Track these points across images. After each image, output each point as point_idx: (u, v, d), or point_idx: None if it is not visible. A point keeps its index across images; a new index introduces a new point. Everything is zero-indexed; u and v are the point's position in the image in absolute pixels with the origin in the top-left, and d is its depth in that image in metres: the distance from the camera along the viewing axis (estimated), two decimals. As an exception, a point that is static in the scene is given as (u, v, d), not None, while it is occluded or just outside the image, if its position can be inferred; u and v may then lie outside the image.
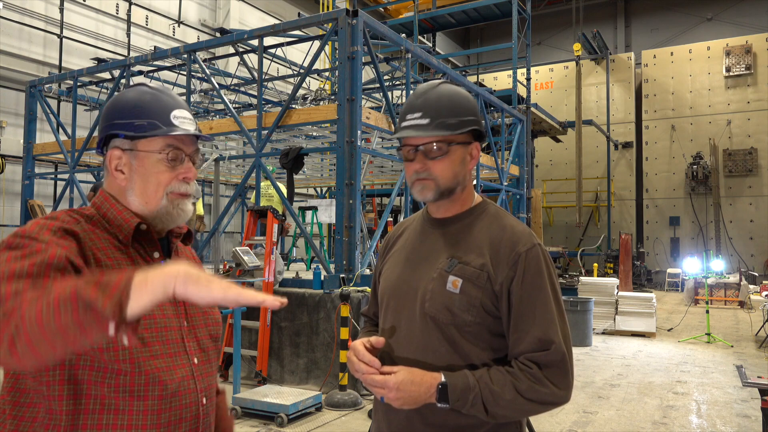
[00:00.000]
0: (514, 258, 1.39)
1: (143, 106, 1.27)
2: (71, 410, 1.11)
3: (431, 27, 16.39)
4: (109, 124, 1.28)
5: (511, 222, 1.47)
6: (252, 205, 6.89)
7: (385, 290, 1.54)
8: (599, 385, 6.26)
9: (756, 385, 3.50)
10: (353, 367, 1.38)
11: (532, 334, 1.35)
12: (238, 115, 8.24)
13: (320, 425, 4.80)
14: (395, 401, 1.31)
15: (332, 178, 12.98)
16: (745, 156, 18.24)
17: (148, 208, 1.27)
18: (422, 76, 12.84)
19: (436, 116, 1.42)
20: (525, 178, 12.29)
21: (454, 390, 1.30)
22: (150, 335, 1.19)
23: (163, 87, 1.36)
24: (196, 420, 1.24)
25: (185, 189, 1.29)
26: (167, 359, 1.20)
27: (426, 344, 1.40)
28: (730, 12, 20.96)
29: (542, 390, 1.32)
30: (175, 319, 1.25)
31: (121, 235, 1.23)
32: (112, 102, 1.31)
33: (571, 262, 18.22)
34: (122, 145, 1.27)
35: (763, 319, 9.08)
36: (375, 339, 1.41)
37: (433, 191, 1.44)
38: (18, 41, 11.03)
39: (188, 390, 1.23)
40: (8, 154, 10.64)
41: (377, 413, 1.53)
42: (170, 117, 1.27)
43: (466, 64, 23.32)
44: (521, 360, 1.35)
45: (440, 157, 1.42)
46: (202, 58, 9.00)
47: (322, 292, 5.98)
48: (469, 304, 1.38)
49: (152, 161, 1.26)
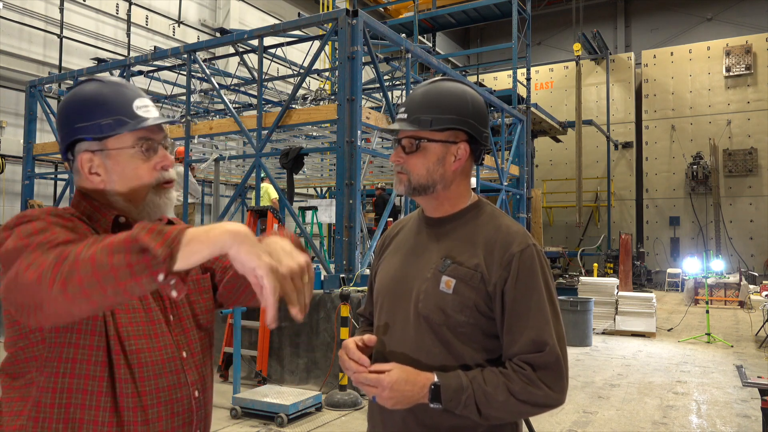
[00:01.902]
0: (507, 258, 1.37)
1: (103, 102, 1.21)
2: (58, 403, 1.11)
3: (431, 27, 16.40)
4: (71, 129, 1.22)
5: (507, 222, 1.45)
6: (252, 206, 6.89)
7: (380, 289, 1.53)
8: (599, 385, 6.26)
9: (756, 385, 3.50)
10: (344, 365, 1.38)
11: (526, 335, 1.33)
12: (238, 115, 8.24)
13: (320, 425, 4.80)
14: (388, 400, 1.30)
15: (332, 178, 12.98)
16: (745, 156, 18.24)
17: (134, 204, 1.24)
18: (422, 76, 12.84)
19: (413, 112, 1.42)
20: (525, 178, 12.29)
21: (447, 390, 1.29)
22: (136, 330, 1.17)
23: (113, 77, 1.31)
24: (189, 413, 1.23)
25: (167, 176, 1.27)
26: (154, 354, 1.19)
27: (419, 344, 1.38)
28: (730, 12, 20.96)
29: (536, 392, 1.30)
30: (161, 313, 1.23)
31: (101, 230, 1.21)
32: (66, 104, 1.24)
33: (571, 262, 18.23)
34: (90, 147, 1.21)
35: (763, 319, 9.07)
36: (367, 337, 1.41)
37: (405, 186, 1.44)
38: (18, 41, 11.03)
39: (178, 384, 1.21)
40: (8, 154, 10.64)
41: (372, 415, 1.52)
42: (133, 108, 1.22)
43: (466, 64, 23.32)
44: (515, 361, 1.33)
45: (413, 153, 1.42)
46: (202, 58, 9.00)
47: (322, 292, 5.98)
48: (462, 304, 1.36)
49: (126, 157, 1.22)
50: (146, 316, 1.20)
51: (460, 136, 1.43)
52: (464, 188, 1.48)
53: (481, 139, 1.45)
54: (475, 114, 1.43)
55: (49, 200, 11.02)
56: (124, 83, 1.28)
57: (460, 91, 1.44)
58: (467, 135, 1.44)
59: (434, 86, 1.45)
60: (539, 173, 20.12)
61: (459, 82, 1.48)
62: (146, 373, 1.17)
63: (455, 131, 1.42)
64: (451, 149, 1.43)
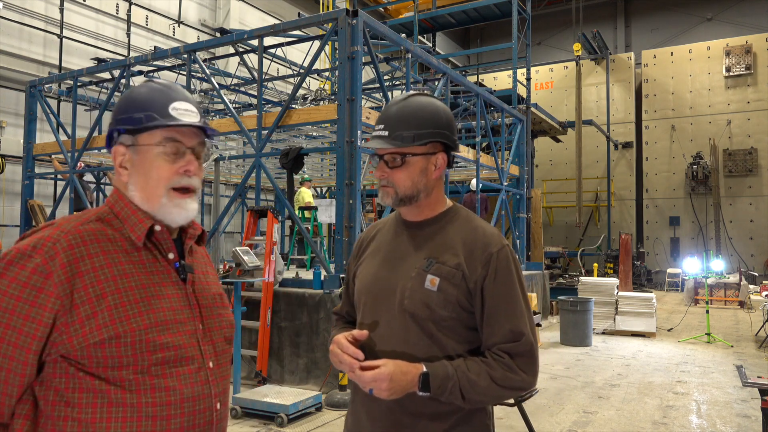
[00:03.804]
0: (486, 258, 1.49)
1: (143, 99, 1.23)
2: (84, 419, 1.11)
3: (431, 27, 16.40)
4: (113, 121, 1.25)
5: (482, 224, 1.59)
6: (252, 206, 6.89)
7: (362, 289, 1.61)
8: (599, 385, 6.26)
9: (756, 385, 3.50)
10: (337, 359, 1.47)
11: (504, 326, 1.47)
12: (238, 115, 8.24)
13: (320, 425, 4.80)
14: (386, 391, 1.39)
15: (332, 178, 12.98)
16: (745, 156, 18.24)
17: (149, 205, 1.23)
18: (422, 76, 12.84)
19: (393, 129, 1.52)
20: (525, 178, 12.29)
21: (435, 378, 1.41)
22: (164, 341, 1.16)
23: (172, 83, 1.32)
24: (209, 426, 1.22)
25: (186, 182, 1.24)
26: (182, 364, 1.18)
27: (406, 338, 1.49)
28: (730, 12, 20.96)
29: (514, 377, 1.45)
30: (190, 323, 1.23)
31: (134, 236, 1.21)
32: (119, 99, 1.29)
33: (571, 262, 18.23)
34: (125, 141, 1.23)
35: (763, 319, 9.08)
36: (358, 332, 1.50)
37: (392, 198, 1.55)
38: (18, 41, 11.03)
39: (202, 395, 1.20)
40: (8, 154, 10.64)
41: (355, 406, 1.60)
42: (169, 109, 1.22)
43: (466, 64, 23.32)
44: (494, 350, 1.47)
45: (398, 167, 1.53)
46: (202, 58, 9.00)
47: (322, 292, 5.98)
48: (446, 300, 1.48)
49: (152, 155, 1.22)
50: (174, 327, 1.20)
51: (438, 147, 1.55)
52: (442, 193, 1.62)
53: (454, 146, 1.59)
54: (447, 125, 1.56)
55: (49, 200, 11.02)
56: (174, 87, 1.29)
57: (433, 106, 1.56)
58: (443, 145, 1.56)
59: (407, 103, 1.55)
60: (539, 173, 20.12)
61: (425, 95, 1.60)
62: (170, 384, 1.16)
63: (433, 143, 1.54)
64: (431, 160, 1.55)
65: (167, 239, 1.25)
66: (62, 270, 1.11)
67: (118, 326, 1.12)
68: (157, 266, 1.23)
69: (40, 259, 1.11)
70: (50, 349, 1.11)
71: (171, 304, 1.21)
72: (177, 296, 1.23)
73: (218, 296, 1.35)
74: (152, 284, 1.20)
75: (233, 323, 1.37)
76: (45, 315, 1.10)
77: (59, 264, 1.11)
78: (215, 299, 1.33)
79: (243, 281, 5.71)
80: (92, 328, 1.11)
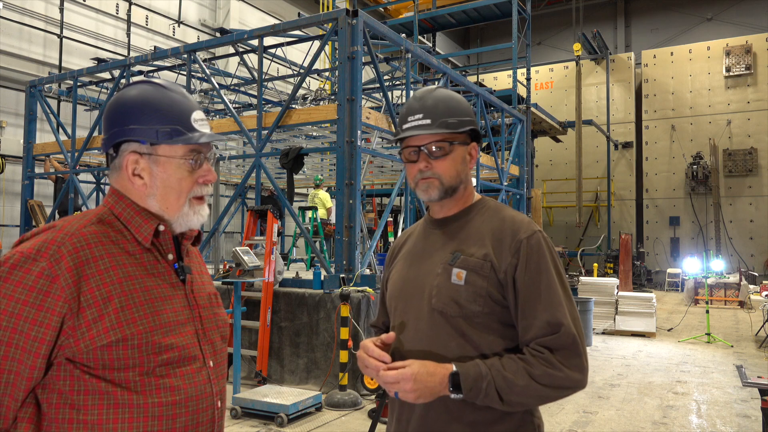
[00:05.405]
0: (516, 245, 1.40)
1: (162, 109, 1.21)
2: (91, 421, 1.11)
3: (431, 27, 16.39)
4: (123, 128, 1.20)
5: (511, 213, 1.50)
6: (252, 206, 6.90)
7: (393, 293, 1.55)
8: (599, 385, 6.26)
9: (756, 385, 3.50)
10: (363, 363, 1.39)
11: (540, 318, 1.34)
12: (238, 115, 8.24)
13: (320, 425, 4.80)
14: (411, 393, 1.30)
15: (332, 178, 12.98)
16: (745, 156, 18.24)
17: (169, 214, 1.24)
18: (422, 76, 12.85)
19: (437, 117, 1.45)
20: (525, 178, 12.29)
21: (467, 378, 1.30)
22: (168, 342, 1.17)
23: (169, 83, 1.30)
24: (212, 424, 1.23)
25: (206, 191, 1.27)
26: (185, 364, 1.19)
27: (435, 339, 1.40)
28: (730, 12, 20.96)
29: (557, 374, 1.30)
30: (191, 323, 1.24)
31: (141, 237, 1.21)
32: (118, 102, 1.23)
33: (571, 262, 18.23)
34: (140, 150, 1.21)
35: (763, 319, 9.07)
36: (385, 336, 1.42)
37: (438, 189, 1.47)
38: (18, 41, 11.03)
39: (205, 394, 1.22)
40: (8, 154, 10.65)
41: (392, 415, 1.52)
42: (191, 121, 1.23)
43: (466, 64, 23.32)
44: (532, 346, 1.34)
45: (443, 156, 1.46)
46: (202, 58, 9.01)
47: (322, 292, 5.98)
48: (475, 294, 1.38)
49: (174, 167, 1.22)
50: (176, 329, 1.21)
51: (468, 137, 1.52)
52: (472, 186, 1.57)
53: (479, 138, 1.55)
54: (474, 114, 1.54)
55: (49, 200, 11.02)
56: (184, 93, 1.28)
57: (460, 96, 1.54)
58: (471, 135, 1.52)
59: (440, 93, 1.51)
60: (539, 173, 20.13)
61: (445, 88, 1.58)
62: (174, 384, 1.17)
63: (467, 133, 1.50)
64: (467, 149, 1.51)
65: (168, 240, 1.26)
66: (69, 273, 1.11)
67: (125, 329, 1.13)
68: (158, 267, 1.23)
69: (45, 263, 1.10)
70: (57, 353, 1.11)
71: (173, 305, 1.22)
72: (178, 297, 1.24)
73: (213, 296, 1.36)
74: (155, 286, 1.21)
75: (227, 322, 1.39)
76: (53, 319, 1.09)
77: (65, 267, 1.11)
78: (211, 299, 1.35)
79: (243, 281, 5.71)
80: (99, 330, 1.11)
